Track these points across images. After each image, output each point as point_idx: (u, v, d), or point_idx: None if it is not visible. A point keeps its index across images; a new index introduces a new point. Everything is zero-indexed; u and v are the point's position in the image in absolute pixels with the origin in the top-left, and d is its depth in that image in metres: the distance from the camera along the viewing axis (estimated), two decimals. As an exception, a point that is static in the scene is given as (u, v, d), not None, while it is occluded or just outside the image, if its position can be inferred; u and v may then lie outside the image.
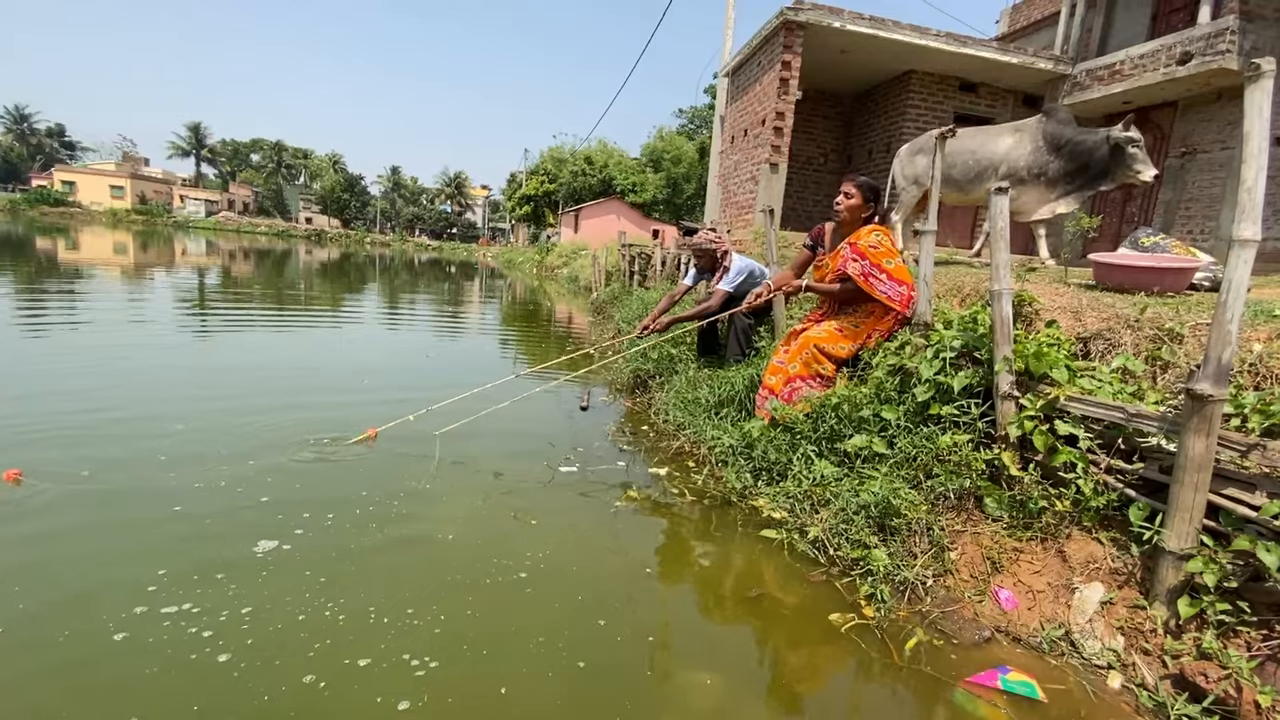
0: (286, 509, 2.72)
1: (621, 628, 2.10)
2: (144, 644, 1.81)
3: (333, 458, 3.36)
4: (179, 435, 3.50)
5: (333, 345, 7.09)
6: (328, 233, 58.93)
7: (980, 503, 2.62)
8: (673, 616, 2.28)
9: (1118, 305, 2.97)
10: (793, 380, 3.40)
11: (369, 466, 3.29)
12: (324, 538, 2.52)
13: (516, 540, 2.63)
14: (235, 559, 2.31)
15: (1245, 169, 1.86)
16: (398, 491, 3.00)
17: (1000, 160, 5.14)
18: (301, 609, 2.04)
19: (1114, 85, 8.80)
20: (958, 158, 5.40)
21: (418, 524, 2.72)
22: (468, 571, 2.36)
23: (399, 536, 2.59)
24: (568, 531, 2.79)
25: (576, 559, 2.56)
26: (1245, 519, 1.92)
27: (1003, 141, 5.19)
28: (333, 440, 3.54)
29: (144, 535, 2.46)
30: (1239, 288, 1.89)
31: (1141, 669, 1.96)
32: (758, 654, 2.11)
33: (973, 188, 5.41)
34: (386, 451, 3.48)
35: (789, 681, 1.97)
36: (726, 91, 11.99)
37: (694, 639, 2.15)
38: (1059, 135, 4.84)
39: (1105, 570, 2.23)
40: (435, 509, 2.87)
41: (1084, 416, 2.42)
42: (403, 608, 2.08)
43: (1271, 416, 2.02)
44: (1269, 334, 2.41)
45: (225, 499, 2.78)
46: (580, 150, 36.39)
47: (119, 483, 2.87)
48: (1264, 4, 7.34)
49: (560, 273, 23.69)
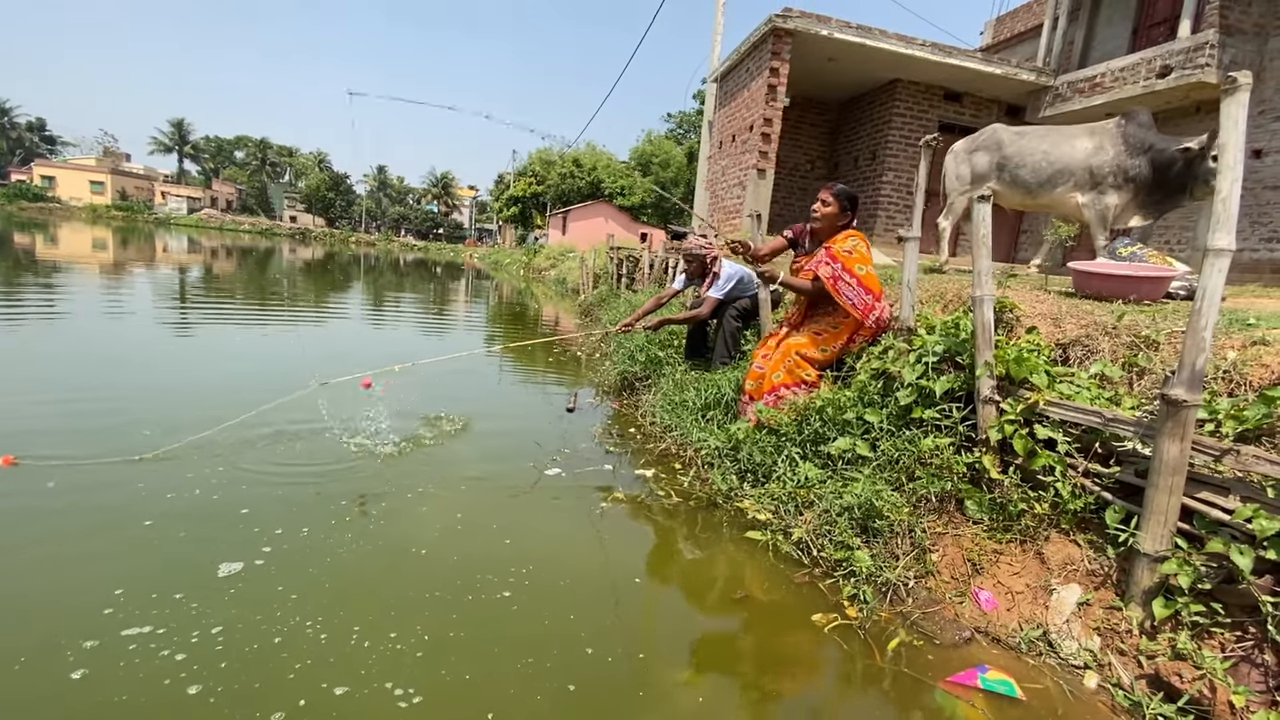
0: (262, 520, 2.60)
1: (611, 645, 2.03)
2: (109, 672, 1.70)
3: (310, 461, 3.27)
4: (148, 441, 3.31)
5: (310, 342, 7.03)
6: (312, 232, 58.38)
7: (961, 505, 2.65)
8: (662, 628, 2.23)
9: (1096, 313, 3.02)
10: (777, 389, 3.41)
11: (347, 471, 3.19)
12: (300, 552, 2.41)
13: (501, 552, 2.56)
14: (203, 578, 2.18)
15: (1221, 180, 1.90)
16: (378, 499, 2.92)
17: (1080, 165, 4.84)
18: (278, 630, 1.93)
19: (1095, 97, 8.98)
20: (1027, 158, 5.10)
21: (398, 535, 2.62)
22: (450, 587, 2.27)
23: (379, 549, 2.50)
24: (553, 540, 2.75)
25: (563, 570, 2.48)
26: (1219, 522, 1.96)
27: (1080, 144, 4.88)
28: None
29: (114, 548, 2.34)
30: (1213, 296, 1.94)
31: (1117, 669, 1.99)
32: (743, 657, 2.11)
33: (1043, 192, 5.12)
34: (365, 450, 3.44)
35: (773, 683, 1.97)
36: (715, 97, 12.06)
37: (682, 647, 2.12)
38: (1142, 139, 4.53)
39: (1082, 572, 2.26)
40: (417, 519, 2.78)
41: (1062, 421, 2.46)
42: (384, 629, 1.99)
43: (1244, 422, 2.07)
44: (1243, 342, 2.46)
45: (199, 509, 2.67)
46: (569, 153, 36.40)
47: (86, 487, 2.78)
48: (1243, 19, 7.54)
49: (548, 275, 23.66)
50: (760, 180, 9.48)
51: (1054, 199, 5.13)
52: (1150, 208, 4.65)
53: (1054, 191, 5.01)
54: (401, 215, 74.26)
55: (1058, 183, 4.95)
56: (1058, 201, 5.17)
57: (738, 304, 4.54)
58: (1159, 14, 8.78)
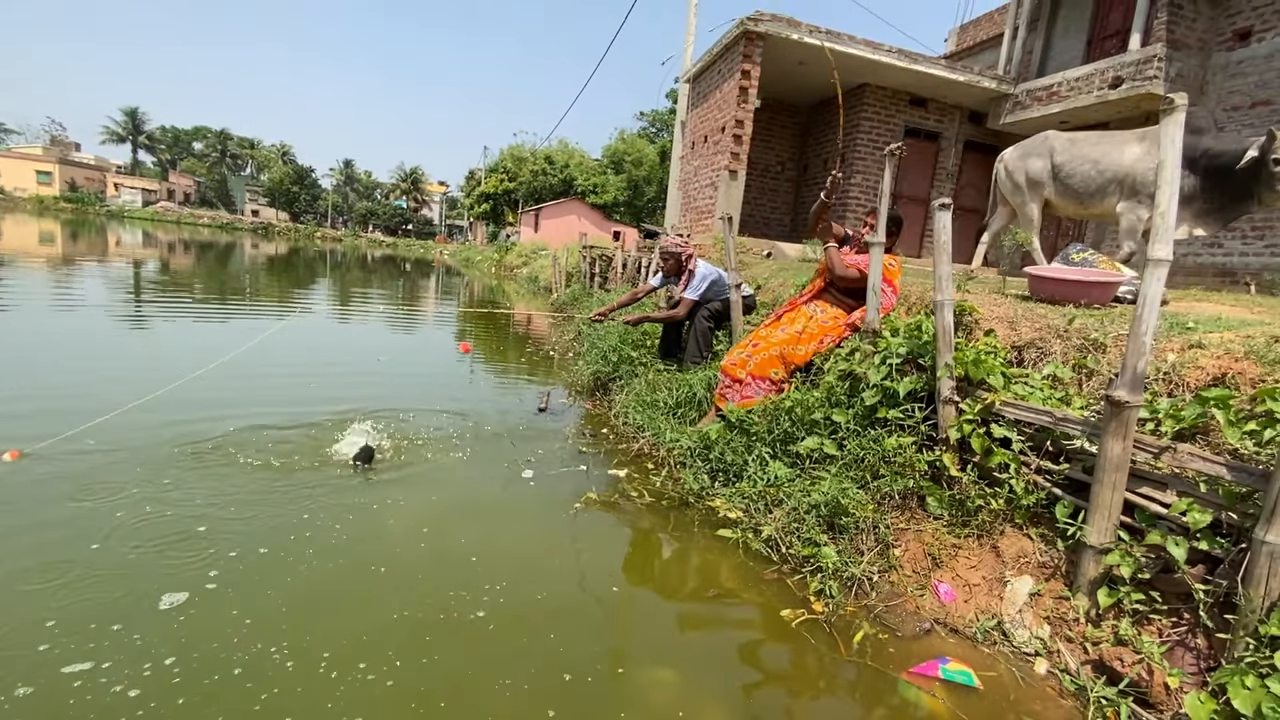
0: (218, 539, 2.45)
1: (590, 664, 1.97)
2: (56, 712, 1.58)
3: (272, 472, 3.11)
4: (92, 453, 3.11)
5: (277, 341, 6.89)
6: (275, 226, 56.87)
7: (923, 502, 2.76)
8: (640, 636, 2.23)
9: (1049, 316, 3.17)
10: (752, 378, 3.55)
11: (310, 482, 3.04)
12: (258, 572, 2.27)
13: (474, 566, 2.47)
14: (144, 607, 2.01)
15: (1160, 194, 2.02)
16: (343, 511, 2.77)
17: (1126, 172, 4.60)
18: (239, 659, 1.81)
19: (1052, 105, 9.30)
20: (1077, 167, 4.90)
21: (365, 552, 2.49)
22: (422, 607, 2.16)
23: (344, 568, 2.36)
24: (528, 550, 2.69)
25: (538, 583, 2.41)
26: (1157, 516, 2.09)
27: (1128, 151, 4.66)
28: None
29: (65, 578, 2.15)
30: (1153, 303, 2.06)
31: (1065, 655, 2.11)
32: (715, 655, 2.17)
33: (1094, 201, 4.88)
34: (329, 461, 3.37)
35: (745, 681, 2.04)
36: (688, 97, 12.14)
37: (659, 653, 2.13)
38: (1193, 145, 4.23)
39: (1034, 564, 2.39)
40: (385, 533, 2.65)
41: (1017, 420, 2.58)
42: (354, 656, 1.87)
43: (1182, 421, 2.21)
44: (1182, 345, 2.61)
45: (149, 529, 2.47)
46: (541, 149, 36.16)
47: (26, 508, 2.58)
48: (1188, 34, 7.89)
49: (520, 272, 23.49)
50: (732, 181, 9.59)
51: (1106, 209, 4.90)
52: (1210, 216, 4.36)
53: (1104, 202, 4.80)
54: (369, 210, 72.84)
55: (1108, 191, 4.75)
56: (1108, 212, 4.92)
57: (710, 305, 4.61)
58: (1111, 27, 9.14)
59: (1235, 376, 2.32)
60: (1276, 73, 7.23)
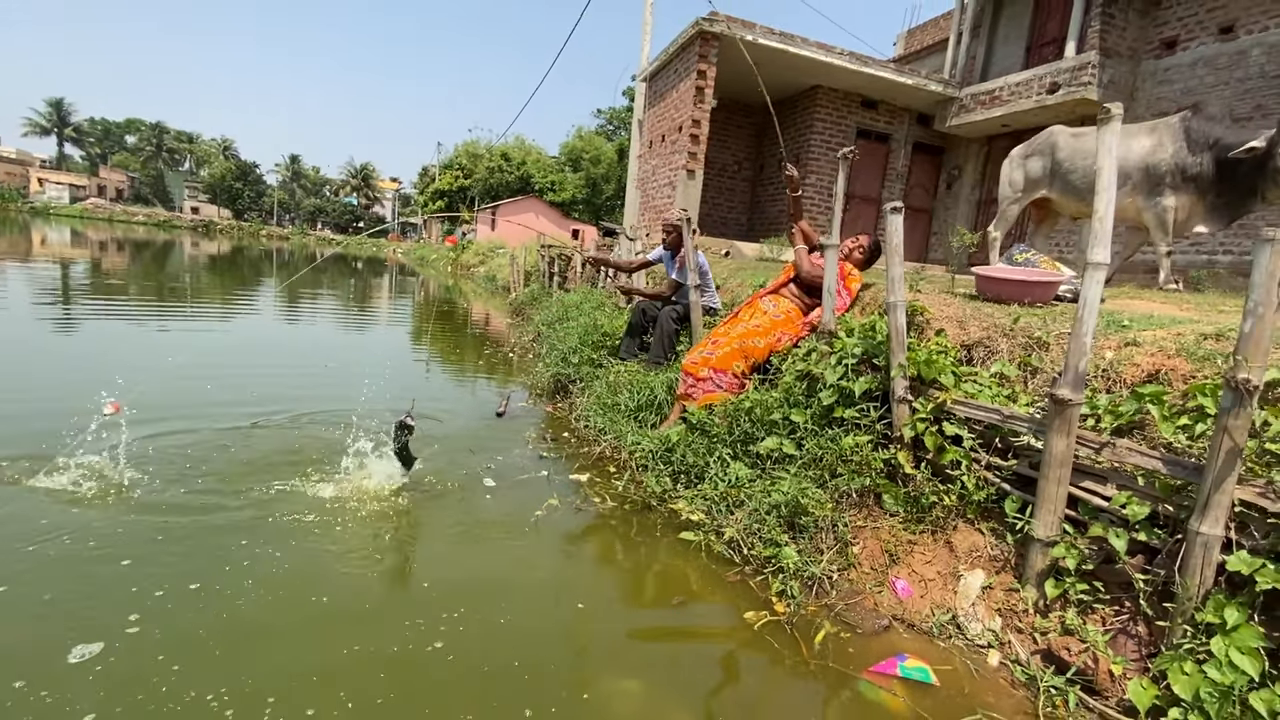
0: (143, 574, 2.22)
1: (557, 688, 1.88)
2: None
3: (203, 489, 2.89)
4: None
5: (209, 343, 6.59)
6: (217, 224, 54.50)
7: (879, 499, 2.82)
8: (606, 651, 2.16)
9: (996, 315, 3.27)
10: (715, 370, 3.59)
11: (247, 502, 2.82)
12: (190, 608, 2.06)
13: (430, 591, 2.32)
14: (52, 660, 1.78)
15: (1098, 201, 2.11)
16: (284, 536, 2.56)
17: (1135, 165, 4.43)
18: (170, 712, 1.64)
19: (994, 109, 9.64)
20: (1078, 162, 4.71)
21: (310, 581, 2.28)
22: (374, 641, 1.99)
23: (287, 599, 2.17)
24: (488, 570, 2.55)
25: (500, 603, 2.28)
26: (1099, 508, 2.18)
27: (1138, 143, 4.49)
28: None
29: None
30: (1093, 305, 2.14)
31: (1016, 646, 2.18)
32: (680, 663, 2.14)
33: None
34: (269, 475, 3.19)
35: (709, 687, 2.03)
36: (644, 96, 12.13)
37: (626, 665, 2.08)
38: (1207, 134, 4.07)
39: (985, 558, 2.46)
40: (332, 558, 2.46)
41: (967, 418, 2.66)
42: (302, 700, 1.71)
43: (1120, 417, 2.30)
44: (1118, 343, 2.73)
45: (62, 567, 2.23)
46: (497, 146, 35.64)
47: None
48: (1119, 42, 8.29)
49: (476, 271, 23.14)
50: (690, 181, 9.63)
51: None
52: (1218, 212, 4.20)
53: None
54: (318, 208, 70.56)
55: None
56: (1117, 208, 4.96)
57: (678, 306, 4.63)
58: (1048, 34, 9.53)
59: (1168, 373, 2.43)
60: (1200, 80, 7.66)
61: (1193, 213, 4.30)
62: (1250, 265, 1.71)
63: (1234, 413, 1.75)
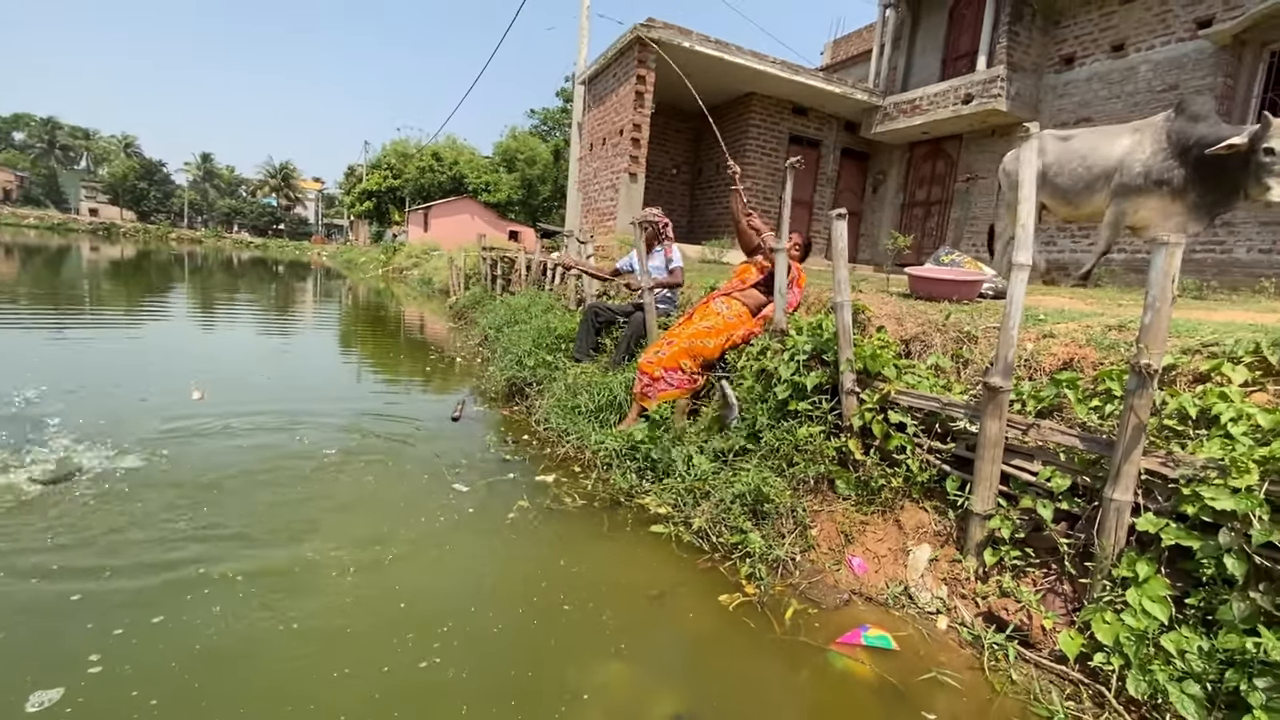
0: (97, 608, 2.07)
1: (560, 696, 1.88)
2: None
3: (159, 511, 2.73)
4: None
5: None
6: (120, 227, 50.58)
7: (833, 485, 3.02)
8: (593, 641, 2.19)
9: (929, 312, 3.55)
10: (665, 369, 3.73)
11: (205, 520, 2.70)
12: (157, 642, 1.93)
13: (417, 604, 2.26)
14: (8, 710, 1.65)
15: (1021, 209, 2.36)
16: (252, 555, 2.46)
17: (1115, 166, 4.36)
18: None
19: (915, 118, 10.26)
20: (1065, 165, 4.63)
21: (287, 603, 2.19)
22: (366, 663, 1.91)
23: (265, 628, 2.05)
24: (472, 578, 2.52)
25: (490, 611, 2.27)
26: (1028, 483, 2.44)
27: (1119, 143, 4.42)
28: None
29: None
30: (1018, 302, 2.40)
31: (961, 610, 2.41)
32: (663, 645, 2.26)
33: (1082, 200, 4.61)
34: (229, 484, 3.16)
35: (691, 664, 2.16)
36: (584, 99, 12.19)
37: (617, 655, 2.12)
38: (1185, 134, 4.01)
39: (931, 533, 2.70)
40: (307, 577, 2.37)
41: (910, 407, 2.89)
42: None
43: (1042, 401, 2.58)
44: (1037, 335, 3.04)
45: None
46: (428, 145, 34.72)
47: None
48: (1024, 58, 9.01)
49: (410, 274, 22.49)
50: (633, 184, 9.77)
51: (1096, 207, 4.61)
52: (1199, 211, 4.09)
53: (1094, 199, 4.51)
54: (234, 209, 66.58)
55: (1096, 188, 4.47)
56: (1100, 210, 4.63)
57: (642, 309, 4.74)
58: (961, 49, 10.24)
59: (1080, 361, 2.74)
60: (1095, 93, 8.43)
61: (1168, 214, 4.22)
62: (1143, 263, 1.98)
63: (1138, 394, 2.02)
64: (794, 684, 2.09)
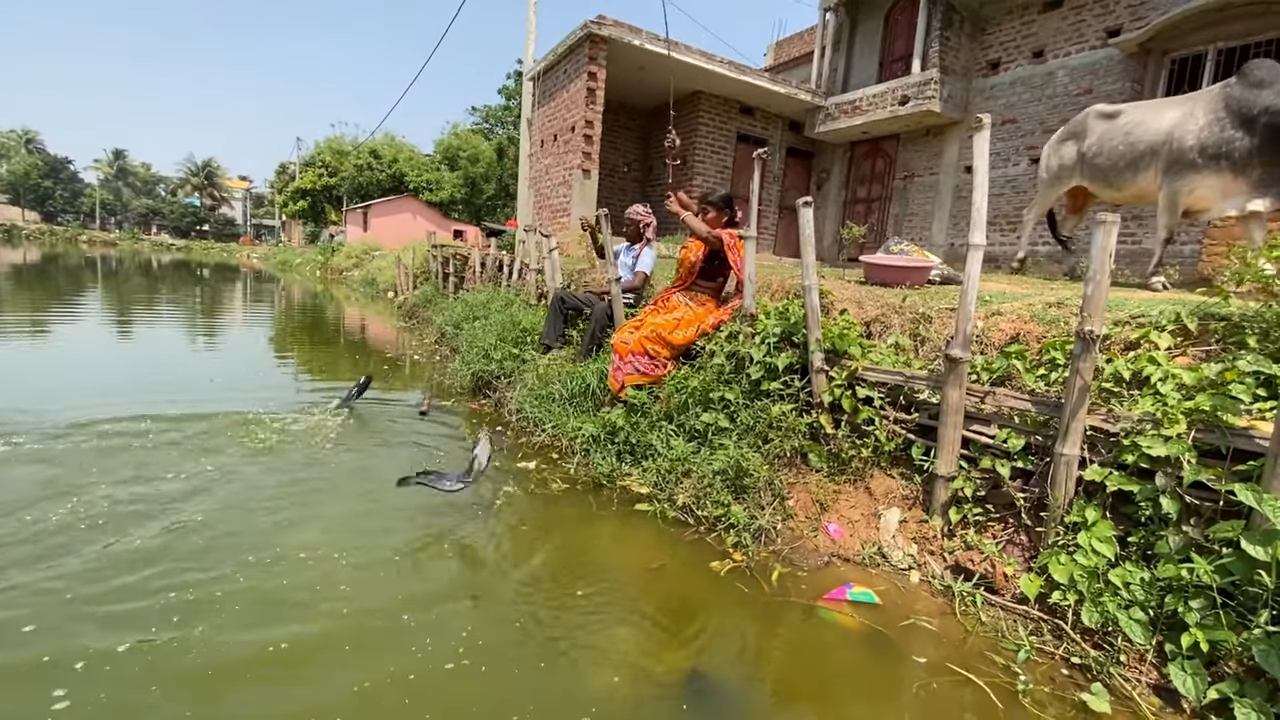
0: (62, 635, 1.90)
1: (585, 655, 1.96)
2: None
3: (130, 526, 2.55)
4: None
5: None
6: (21, 228, 46.82)
7: (806, 458, 3.20)
8: (611, 618, 2.23)
9: (886, 296, 3.78)
10: (631, 354, 3.84)
11: (181, 531, 2.56)
12: (137, 674, 1.77)
13: (435, 607, 2.20)
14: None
15: (976, 194, 2.58)
16: (236, 567, 2.33)
17: (1162, 141, 3.97)
18: None
19: (856, 118, 10.70)
20: (1106, 143, 4.30)
21: (286, 610, 2.10)
22: (386, 670, 1.85)
23: (260, 647, 1.91)
24: (481, 572, 2.50)
25: (504, 605, 2.25)
26: (986, 445, 2.66)
27: (1166, 115, 4.04)
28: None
29: None
30: (975, 279, 2.62)
31: (931, 565, 2.61)
32: (667, 609, 2.35)
33: (1124, 181, 4.23)
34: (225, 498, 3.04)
35: (694, 624, 2.26)
36: (533, 95, 12.14)
37: (639, 632, 2.17)
38: (1249, 103, 3.60)
39: (899, 497, 2.90)
40: (301, 583, 2.26)
41: (876, 382, 3.09)
42: None
43: (994, 371, 2.82)
44: (985, 314, 3.30)
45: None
46: (365, 143, 33.61)
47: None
48: (955, 62, 9.53)
49: (351, 275, 21.76)
50: (586, 180, 9.81)
51: (1141, 188, 4.21)
52: (1270, 187, 3.64)
53: (1138, 178, 4.13)
54: (152, 209, 62.58)
55: (1140, 166, 4.09)
56: (1146, 191, 4.23)
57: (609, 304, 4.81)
58: (897, 52, 10.75)
59: (1025, 335, 3.00)
60: (1019, 96, 9.02)
61: (1229, 193, 3.79)
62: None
63: (1083, 358, 2.25)
64: (791, 637, 2.22)
